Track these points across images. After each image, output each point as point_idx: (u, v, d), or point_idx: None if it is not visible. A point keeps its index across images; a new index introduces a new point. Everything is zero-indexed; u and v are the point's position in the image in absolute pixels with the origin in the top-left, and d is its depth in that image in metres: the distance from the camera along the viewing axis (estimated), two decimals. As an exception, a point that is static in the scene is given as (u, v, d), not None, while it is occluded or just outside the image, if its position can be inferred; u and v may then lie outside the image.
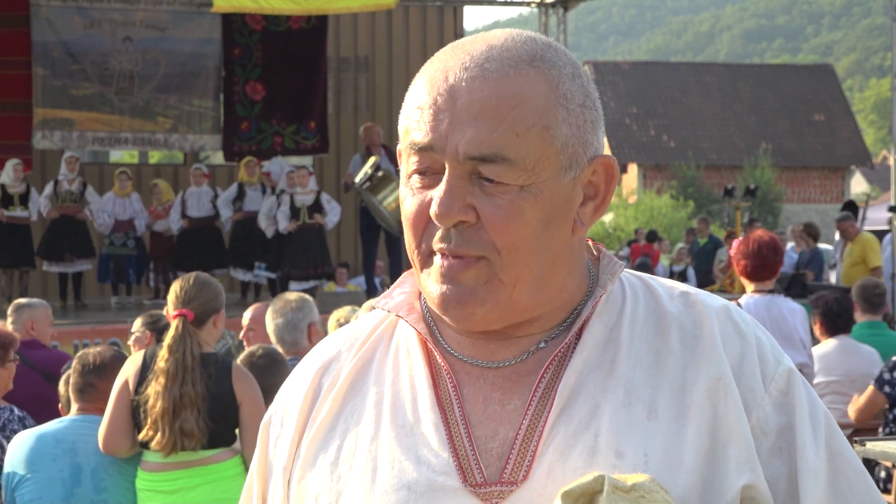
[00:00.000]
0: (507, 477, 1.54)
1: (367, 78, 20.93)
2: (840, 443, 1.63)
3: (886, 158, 52.76)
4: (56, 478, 5.27)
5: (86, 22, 18.36)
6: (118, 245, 16.65)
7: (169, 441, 5.17)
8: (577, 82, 1.58)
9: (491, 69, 1.54)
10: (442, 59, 1.59)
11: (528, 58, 1.56)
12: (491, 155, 1.52)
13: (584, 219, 1.61)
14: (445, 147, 1.53)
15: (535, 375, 1.59)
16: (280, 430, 1.73)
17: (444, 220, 1.54)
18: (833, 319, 7.70)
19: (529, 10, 20.49)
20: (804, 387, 1.63)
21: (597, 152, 1.60)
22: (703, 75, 49.70)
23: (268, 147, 18.62)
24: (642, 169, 46.23)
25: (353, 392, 1.68)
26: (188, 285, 5.34)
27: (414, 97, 1.58)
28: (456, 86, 1.54)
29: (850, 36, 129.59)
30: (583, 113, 1.58)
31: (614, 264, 1.67)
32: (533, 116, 1.53)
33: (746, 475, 1.55)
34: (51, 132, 18.14)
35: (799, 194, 46.35)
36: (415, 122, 1.57)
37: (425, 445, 1.58)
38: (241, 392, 5.28)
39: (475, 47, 1.57)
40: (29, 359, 7.32)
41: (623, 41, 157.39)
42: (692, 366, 1.59)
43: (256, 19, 18.35)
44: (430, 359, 1.65)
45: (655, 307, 1.65)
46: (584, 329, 1.61)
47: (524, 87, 1.54)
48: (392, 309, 1.68)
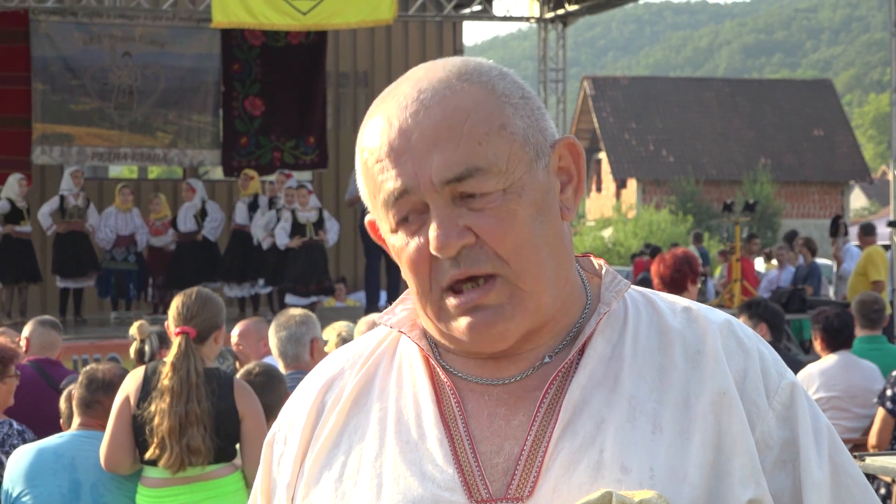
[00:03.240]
0: (513, 493, 1.54)
1: (367, 93, 20.96)
2: (843, 456, 1.63)
3: (885, 173, 52.80)
4: (55, 493, 5.26)
5: (85, 37, 18.39)
6: (119, 260, 16.66)
7: (176, 459, 5.16)
8: (507, 80, 1.61)
9: (428, 98, 1.56)
10: (379, 110, 1.60)
11: (455, 76, 1.59)
12: (464, 171, 1.53)
13: (568, 203, 1.63)
14: (419, 184, 1.54)
15: (540, 391, 1.59)
16: (284, 447, 1.73)
17: (446, 251, 1.54)
18: (834, 335, 7.70)
19: (528, 25, 20.58)
20: (807, 400, 1.64)
21: (555, 137, 1.63)
22: (702, 90, 49.71)
23: (267, 162, 18.63)
24: (641, 184, 46.21)
25: (356, 409, 1.68)
26: (190, 301, 5.32)
27: (368, 154, 1.59)
28: (403, 126, 1.56)
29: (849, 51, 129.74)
30: (526, 104, 1.61)
31: (619, 282, 1.67)
32: (485, 121, 1.55)
33: (751, 489, 1.55)
34: (50, 147, 18.16)
35: (798, 209, 46.34)
36: (381, 175, 1.57)
37: (430, 461, 1.58)
38: (244, 407, 5.28)
39: (403, 88, 1.60)
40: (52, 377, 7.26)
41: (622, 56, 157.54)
42: (696, 380, 1.59)
43: (256, 34, 18.37)
44: (433, 374, 1.65)
45: (658, 322, 1.65)
46: (587, 345, 1.61)
47: (464, 99, 1.56)
48: (394, 325, 1.69)
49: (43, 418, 6.53)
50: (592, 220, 46.00)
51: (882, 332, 8.56)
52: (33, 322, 7.60)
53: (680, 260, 7.08)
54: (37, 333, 7.42)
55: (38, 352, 7.32)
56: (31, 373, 6.96)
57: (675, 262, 7.06)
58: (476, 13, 20.35)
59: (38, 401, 6.82)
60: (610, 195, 47.91)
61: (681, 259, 7.10)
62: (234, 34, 18.32)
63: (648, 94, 48.33)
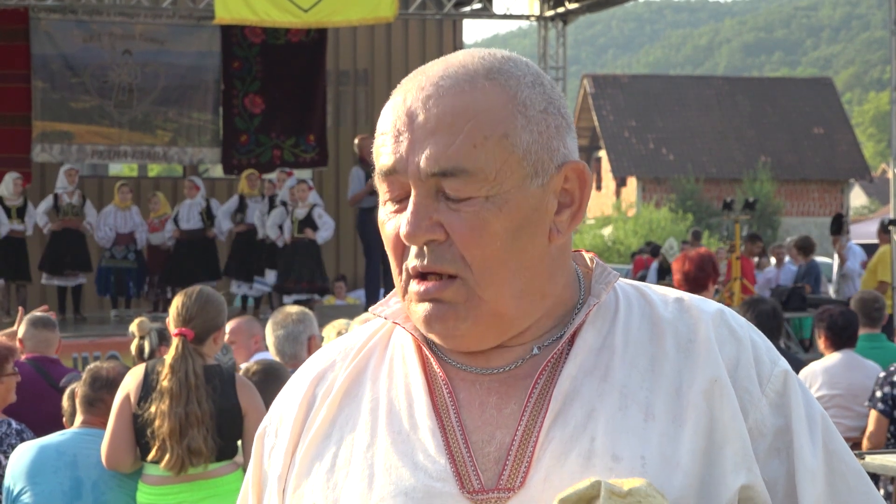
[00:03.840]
0: (505, 483, 1.54)
1: (367, 91, 20.96)
2: (837, 443, 1.64)
3: (885, 172, 52.78)
4: (56, 490, 5.26)
5: (85, 35, 18.39)
6: (119, 258, 16.65)
7: (178, 461, 5.17)
8: (537, 90, 1.59)
9: (445, 86, 1.56)
10: (404, 84, 1.62)
11: (484, 71, 1.58)
12: (450, 169, 1.53)
13: (561, 227, 1.61)
14: (407, 168, 1.55)
15: (531, 379, 1.59)
16: (275, 440, 1.73)
17: (412, 240, 1.55)
18: (839, 333, 7.68)
19: (529, 23, 20.54)
20: (800, 388, 1.64)
21: (566, 158, 1.60)
22: (702, 88, 49.68)
23: (267, 160, 18.63)
24: (641, 182, 46.20)
25: (347, 400, 1.68)
26: (190, 302, 5.29)
27: (379, 125, 1.61)
28: (413, 107, 1.57)
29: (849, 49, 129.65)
30: (545, 119, 1.58)
31: (608, 274, 1.67)
32: (489, 126, 1.54)
33: (743, 476, 1.55)
34: (50, 145, 18.16)
35: (798, 207, 46.32)
36: (380, 149, 1.59)
37: (422, 451, 1.58)
38: (246, 403, 5.28)
39: (433, 68, 1.60)
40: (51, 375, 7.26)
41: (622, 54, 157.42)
42: (688, 369, 1.60)
43: (256, 32, 18.37)
44: (425, 365, 1.65)
45: (650, 313, 1.65)
46: (577, 336, 1.62)
47: (479, 99, 1.55)
48: (389, 316, 1.69)
49: (43, 416, 6.53)
50: (592, 218, 45.99)
51: (882, 331, 8.58)
52: (26, 321, 7.56)
53: (704, 259, 7.22)
54: (29, 334, 7.37)
55: (34, 350, 7.30)
56: (29, 371, 6.94)
57: (700, 260, 7.19)
58: (476, 11, 20.33)
59: (38, 399, 6.82)
60: (610, 193, 47.90)
61: (705, 258, 7.25)
62: (235, 32, 18.32)
63: (648, 93, 48.32)
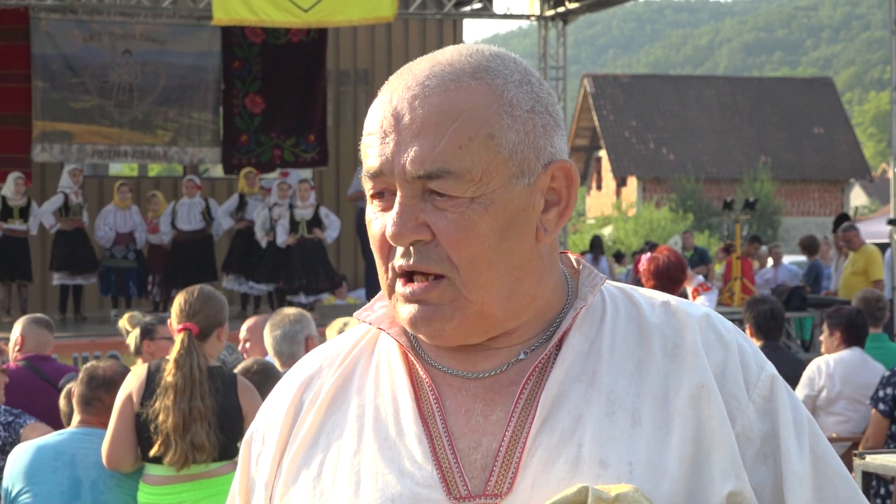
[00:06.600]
0: (492, 489, 1.54)
1: (367, 91, 20.93)
2: (824, 448, 1.63)
3: (885, 171, 52.77)
4: (55, 490, 5.27)
5: (85, 35, 18.38)
6: (119, 258, 16.67)
7: (181, 456, 5.18)
8: (524, 88, 1.58)
9: (432, 86, 1.56)
10: (391, 82, 1.61)
11: (470, 70, 1.57)
12: (436, 170, 1.53)
13: (548, 225, 1.60)
14: (393, 169, 1.55)
15: (517, 386, 1.59)
16: (262, 446, 1.73)
17: (398, 241, 1.55)
18: (856, 331, 7.69)
19: (529, 23, 20.53)
20: (787, 393, 1.64)
21: (553, 157, 1.59)
22: (703, 88, 49.66)
23: (267, 160, 18.63)
24: (641, 182, 46.20)
25: (334, 407, 1.67)
26: (192, 298, 5.34)
27: (367, 124, 1.60)
28: (399, 107, 1.56)
29: (849, 49, 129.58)
30: (532, 118, 1.58)
31: (595, 276, 1.67)
32: (474, 127, 1.54)
33: (731, 482, 1.55)
34: (50, 145, 18.15)
35: (798, 207, 46.33)
36: (367, 150, 1.58)
37: (408, 458, 1.58)
38: (247, 404, 5.30)
39: (420, 66, 1.60)
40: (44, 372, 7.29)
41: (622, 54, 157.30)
42: (675, 374, 1.59)
43: (256, 32, 18.37)
44: (411, 371, 1.65)
45: (637, 317, 1.65)
46: (564, 340, 1.61)
47: (465, 99, 1.54)
48: (373, 322, 1.68)
49: (39, 411, 6.58)
50: (592, 218, 46.00)
51: (883, 331, 8.60)
52: (26, 320, 7.58)
53: (671, 260, 7.38)
54: (33, 332, 7.42)
55: (34, 349, 7.33)
56: (22, 369, 6.99)
57: (668, 260, 7.35)
58: (476, 11, 20.32)
59: (33, 395, 6.86)
60: (610, 193, 47.92)
61: (673, 259, 7.39)
62: (235, 32, 18.31)
63: (648, 92, 48.31)
